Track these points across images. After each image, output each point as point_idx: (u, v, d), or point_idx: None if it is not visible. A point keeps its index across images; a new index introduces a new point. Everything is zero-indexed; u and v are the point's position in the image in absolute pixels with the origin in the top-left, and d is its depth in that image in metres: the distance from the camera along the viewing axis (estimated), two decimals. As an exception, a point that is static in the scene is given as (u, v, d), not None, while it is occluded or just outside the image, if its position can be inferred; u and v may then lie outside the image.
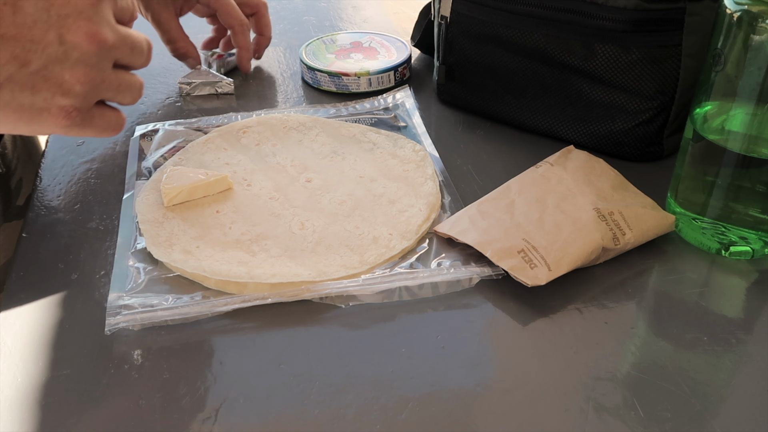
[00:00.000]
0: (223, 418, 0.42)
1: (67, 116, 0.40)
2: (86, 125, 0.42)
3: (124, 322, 0.47)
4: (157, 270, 0.52)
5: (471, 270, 0.52)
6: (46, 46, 0.38)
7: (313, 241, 0.54)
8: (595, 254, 0.52)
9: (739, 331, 0.48)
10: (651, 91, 0.61)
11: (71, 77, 0.39)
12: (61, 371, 0.45)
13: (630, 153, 0.65)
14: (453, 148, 0.67)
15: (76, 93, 0.40)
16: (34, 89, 0.39)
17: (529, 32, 0.64)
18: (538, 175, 0.58)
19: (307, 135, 0.67)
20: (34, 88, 0.39)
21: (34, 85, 0.39)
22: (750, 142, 0.50)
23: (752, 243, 0.53)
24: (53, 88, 0.39)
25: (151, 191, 0.59)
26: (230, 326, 0.48)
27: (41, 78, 0.38)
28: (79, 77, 0.39)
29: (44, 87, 0.39)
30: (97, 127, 0.43)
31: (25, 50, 0.38)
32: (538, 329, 0.48)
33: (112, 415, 0.42)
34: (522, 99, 0.68)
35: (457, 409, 0.43)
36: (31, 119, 0.40)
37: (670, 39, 0.59)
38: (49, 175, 0.64)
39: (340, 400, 0.43)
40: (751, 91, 0.48)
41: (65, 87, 0.39)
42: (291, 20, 0.95)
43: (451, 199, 0.59)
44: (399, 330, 0.48)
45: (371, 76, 0.76)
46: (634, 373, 0.45)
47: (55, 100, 0.39)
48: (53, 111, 0.40)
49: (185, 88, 0.76)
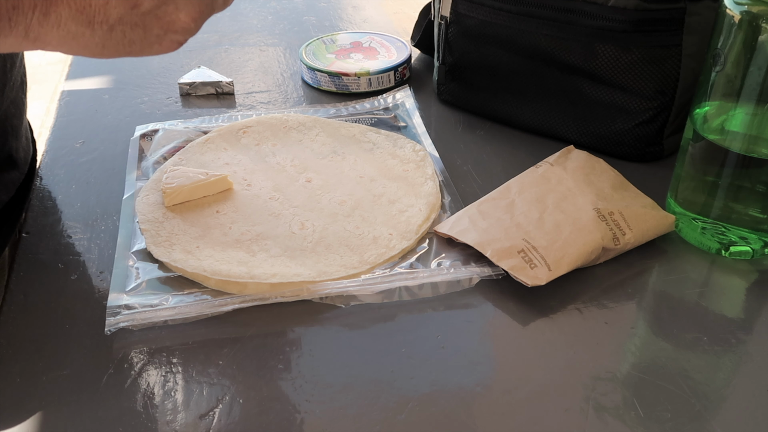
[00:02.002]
0: (223, 418, 0.42)
1: (179, 45, 0.41)
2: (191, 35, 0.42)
3: (124, 322, 0.47)
4: (157, 270, 0.52)
5: (471, 270, 0.52)
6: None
7: (313, 241, 0.54)
8: (595, 254, 0.52)
9: (739, 331, 0.48)
10: (651, 91, 0.61)
11: (186, 16, 0.39)
12: (61, 371, 0.45)
13: (630, 153, 0.65)
14: (453, 148, 0.67)
15: (191, 29, 0.40)
16: (146, 28, 0.38)
17: (529, 32, 0.64)
18: (538, 175, 0.58)
19: (307, 135, 0.67)
20: (146, 27, 0.38)
21: (145, 24, 0.38)
22: (750, 142, 0.50)
23: (752, 243, 0.53)
24: (166, 26, 0.39)
25: (151, 191, 0.59)
26: (230, 326, 0.48)
27: (153, 17, 0.38)
28: (194, 16, 0.39)
29: (156, 25, 0.39)
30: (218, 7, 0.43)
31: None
32: (538, 329, 0.48)
33: (112, 415, 0.42)
34: (522, 99, 0.68)
35: (457, 409, 0.43)
36: (142, 49, 0.40)
37: (670, 39, 0.59)
38: (49, 175, 0.64)
39: (340, 400, 0.43)
40: (751, 91, 0.48)
41: (179, 25, 0.39)
42: (291, 20, 0.95)
43: (451, 199, 0.59)
44: (399, 330, 0.48)
45: (371, 76, 0.76)
46: (634, 373, 0.45)
47: (167, 36, 0.39)
48: (165, 43, 0.40)
49: (185, 88, 0.76)
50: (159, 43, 0.40)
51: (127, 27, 0.38)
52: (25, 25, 0.36)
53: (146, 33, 0.39)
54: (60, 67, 2.42)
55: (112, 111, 0.73)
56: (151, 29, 0.39)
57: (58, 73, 2.37)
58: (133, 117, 0.72)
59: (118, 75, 0.80)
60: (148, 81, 0.79)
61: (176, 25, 0.39)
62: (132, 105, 0.74)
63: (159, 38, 0.39)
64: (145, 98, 0.76)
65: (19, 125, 0.60)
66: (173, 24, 0.39)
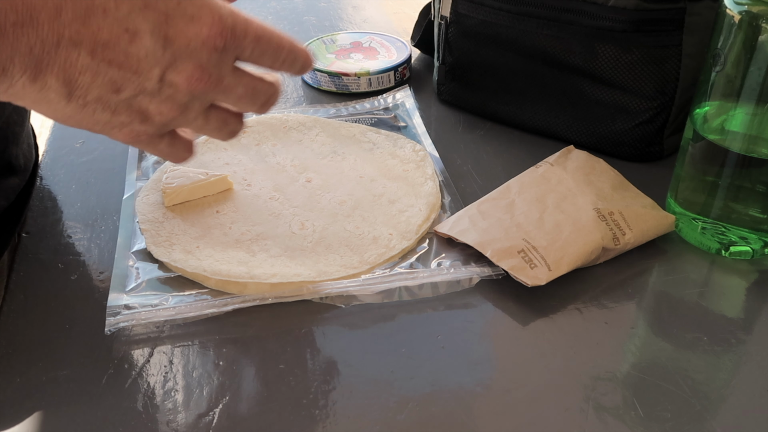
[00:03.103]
0: (223, 418, 0.42)
1: (135, 138, 0.40)
2: (150, 147, 0.42)
3: (124, 322, 0.47)
4: (157, 270, 0.52)
5: (471, 270, 0.52)
6: (145, 80, 0.37)
7: (313, 241, 0.54)
8: (595, 254, 0.52)
9: (739, 331, 0.48)
10: (651, 91, 0.61)
11: (155, 109, 0.39)
12: (61, 371, 0.45)
13: (630, 153, 0.65)
14: (453, 148, 0.67)
15: (154, 123, 0.39)
16: (115, 112, 0.38)
17: (530, 32, 0.64)
18: (538, 175, 0.58)
19: (307, 135, 0.67)
20: (115, 111, 0.38)
21: (116, 109, 0.38)
22: (750, 142, 0.50)
23: (752, 243, 0.53)
24: (133, 115, 0.39)
25: (151, 191, 0.59)
26: (230, 326, 0.48)
27: (125, 105, 0.38)
28: (162, 110, 0.39)
29: (125, 113, 0.38)
30: (162, 153, 0.42)
31: (124, 79, 0.37)
32: (538, 329, 0.48)
33: (112, 415, 0.42)
34: (522, 99, 0.68)
35: (457, 409, 0.43)
36: (102, 130, 0.40)
37: (670, 39, 0.59)
38: (49, 175, 0.64)
39: (340, 400, 0.43)
40: (751, 91, 0.48)
41: (145, 116, 0.39)
42: (291, 20, 0.95)
43: (451, 199, 0.59)
44: (399, 330, 0.48)
45: (371, 76, 0.76)
46: (634, 373, 0.45)
47: (132, 125, 0.39)
48: (125, 131, 0.40)
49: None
50: (120, 129, 0.39)
51: (100, 107, 0.38)
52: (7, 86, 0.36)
53: (113, 117, 0.38)
54: (60, 67, 2.42)
55: (112, 111, 0.73)
56: (119, 115, 0.38)
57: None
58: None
59: (118, 75, 0.80)
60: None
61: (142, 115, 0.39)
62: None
63: (122, 125, 0.39)
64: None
65: (21, 132, 0.60)
66: (140, 114, 0.39)
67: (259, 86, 0.41)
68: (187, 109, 0.39)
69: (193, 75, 0.38)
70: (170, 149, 0.42)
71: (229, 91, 0.40)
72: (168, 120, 0.39)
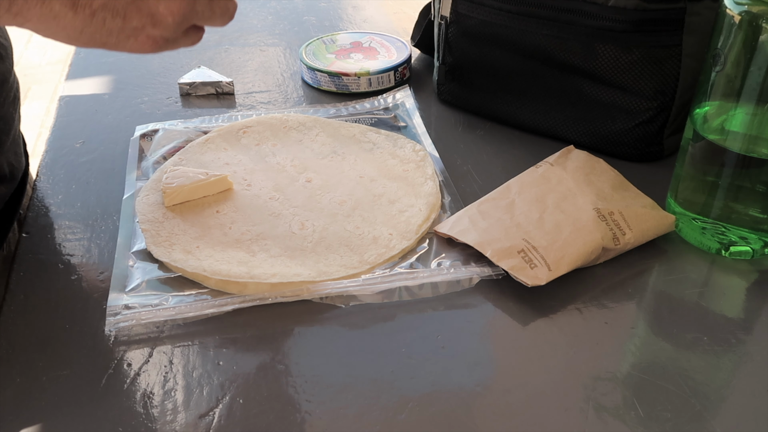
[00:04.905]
0: (223, 418, 0.42)
1: (154, 44, 0.41)
2: (170, 47, 0.43)
3: (124, 322, 0.47)
4: (157, 270, 0.52)
5: (471, 270, 0.52)
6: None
7: (313, 241, 0.54)
8: (595, 254, 0.52)
9: (739, 331, 0.48)
10: (651, 91, 0.61)
11: (165, 9, 0.39)
12: (61, 371, 0.45)
13: (630, 153, 0.65)
14: (453, 148, 0.67)
15: (167, 24, 0.40)
16: (126, 17, 0.39)
17: (530, 32, 0.64)
18: (538, 175, 0.58)
19: (307, 135, 0.67)
20: (126, 16, 0.39)
21: (126, 13, 0.38)
22: (750, 142, 0.50)
23: (752, 243, 0.53)
24: (145, 18, 0.39)
25: (151, 191, 0.59)
26: (230, 326, 0.48)
27: (134, 7, 0.38)
28: (172, 9, 0.39)
29: (136, 16, 0.39)
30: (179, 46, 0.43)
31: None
32: (538, 329, 0.48)
33: (112, 415, 0.42)
34: (522, 99, 0.68)
35: (457, 409, 0.43)
36: (117, 42, 0.40)
37: (670, 39, 0.59)
38: (49, 175, 0.64)
39: (340, 400, 0.43)
40: (751, 91, 0.48)
41: (157, 18, 0.39)
42: (291, 20, 0.95)
43: (451, 199, 0.59)
44: (399, 330, 0.48)
45: (371, 76, 0.76)
46: (634, 373, 0.45)
47: (145, 29, 0.40)
48: (140, 38, 0.40)
49: (185, 88, 0.76)
50: (135, 36, 0.40)
51: (109, 14, 0.38)
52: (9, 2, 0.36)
53: (125, 23, 0.39)
54: (60, 67, 2.42)
55: (112, 111, 0.73)
56: (131, 20, 0.39)
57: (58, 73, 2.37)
58: (133, 117, 0.72)
59: (118, 75, 0.80)
60: (148, 81, 0.79)
61: (154, 17, 0.39)
62: (132, 105, 0.74)
63: (136, 32, 0.40)
64: (145, 98, 0.76)
65: (6, 140, 0.59)
66: (152, 16, 0.39)
67: None
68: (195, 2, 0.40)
69: None
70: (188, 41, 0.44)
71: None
72: (180, 18, 0.40)
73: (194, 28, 0.44)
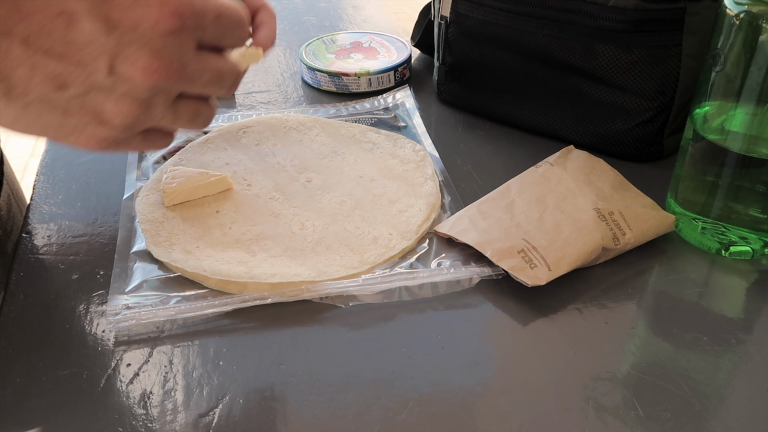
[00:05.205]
0: (223, 418, 0.42)
1: (100, 143, 0.36)
2: (123, 149, 0.37)
3: (124, 322, 0.47)
4: (157, 270, 0.52)
5: (471, 270, 0.52)
6: (91, 72, 0.32)
7: (313, 241, 0.54)
8: (595, 254, 0.52)
9: (739, 331, 0.48)
10: (651, 91, 0.61)
11: (113, 109, 0.34)
12: (61, 371, 0.45)
13: (630, 153, 0.65)
14: (453, 148, 0.67)
15: (114, 125, 0.35)
16: (66, 113, 0.34)
17: (529, 32, 0.64)
18: (538, 175, 0.58)
19: (307, 135, 0.67)
20: (66, 111, 0.34)
21: (66, 109, 0.33)
22: (750, 142, 0.50)
23: (752, 243, 0.53)
24: (88, 117, 0.34)
25: (151, 191, 0.59)
26: (230, 326, 0.48)
27: (77, 103, 0.33)
28: (121, 110, 0.34)
29: (78, 113, 0.34)
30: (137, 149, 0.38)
31: (67, 72, 0.32)
32: (538, 329, 0.48)
33: (112, 415, 0.42)
34: (522, 99, 0.68)
35: (457, 409, 0.43)
36: (57, 136, 0.35)
37: (670, 39, 0.59)
38: (49, 175, 0.64)
39: (340, 400, 0.43)
40: (751, 91, 0.48)
41: (103, 117, 0.34)
42: (291, 20, 0.95)
43: (451, 199, 0.59)
44: (399, 330, 0.48)
45: (371, 76, 0.76)
46: (634, 373, 0.45)
47: (88, 127, 0.35)
48: (83, 137, 0.35)
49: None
50: (77, 134, 0.35)
51: (46, 108, 0.33)
52: None
53: (65, 119, 0.34)
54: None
55: (112, 111, 0.73)
56: (72, 116, 0.34)
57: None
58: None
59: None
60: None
61: (99, 117, 0.34)
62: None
63: (78, 129, 0.34)
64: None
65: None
66: (96, 115, 0.34)
67: (225, 68, 0.37)
68: (150, 105, 0.35)
69: (151, 65, 0.33)
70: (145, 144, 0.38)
71: (196, 79, 0.36)
72: (130, 121, 0.35)
73: (157, 131, 0.38)
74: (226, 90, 0.38)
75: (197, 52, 0.35)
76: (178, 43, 0.33)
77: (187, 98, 0.37)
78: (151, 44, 0.33)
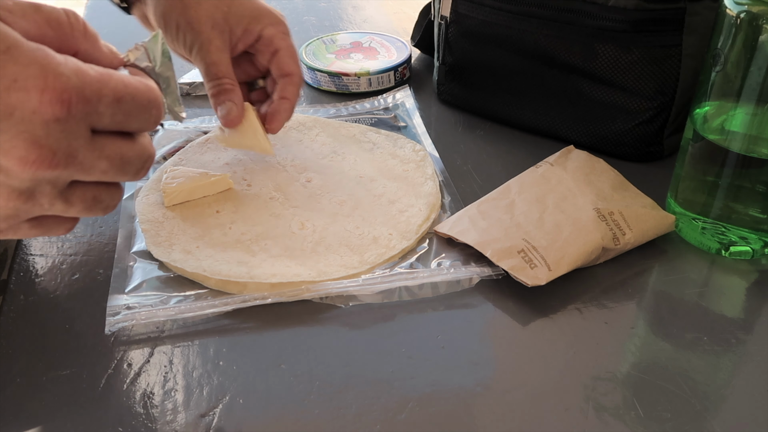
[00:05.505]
0: (223, 418, 0.42)
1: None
2: (10, 237, 0.34)
3: (124, 322, 0.47)
4: (157, 270, 0.52)
5: (471, 270, 0.52)
6: None
7: (313, 241, 0.54)
8: (595, 254, 0.52)
9: (739, 331, 0.48)
10: (651, 91, 0.61)
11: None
12: (61, 371, 0.45)
13: (630, 153, 0.65)
14: (453, 148, 0.67)
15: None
16: None
17: (530, 32, 0.64)
18: (538, 175, 0.58)
19: (307, 135, 0.67)
20: None
21: None
22: (750, 142, 0.50)
23: (752, 243, 0.53)
24: None
25: (151, 191, 0.59)
26: (230, 326, 0.48)
27: None
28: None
29: None
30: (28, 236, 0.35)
31: None
32: (538, 329, 0.48)
33: (112, 415, 0.42)
34: (522, 99, 0.68)
35: (457, 409, 0.43)
36: None
37: (670, 39, 0.59)
38: (49, 175, 0.64)
39: (340, 400, 0.43)
40: (751, 91, 0.48)
41: None
42: (291, 20, 0.95)
43: (451, 199, 0.59)
44: (399, 330, 0.48)
45: (371, 76, 0.76)
46: (634, 373, 0.45)
47: None
48: None
49: (185, 88, 0.76)
50: None
51: None
52: None
53: None
54: (60, 67, 2.42)
55: (112, 111, 0.73)
56: None
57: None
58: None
59: (118, 75, 0.80)
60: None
61: None
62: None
63: None
64: (145, 98, 0.76)
65: None
66: None
67: (129, 153, 0.34)
68: (33, 196, 0.32)
69: (28, 155, 0.30)
70: (38, 231, 0.35)
71: (89, 169, 0.32)
72: (11, 212, 0.32)
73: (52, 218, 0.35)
74: (132, 175, 0.35)
75: (92, 138, 0.32)
76: (63, 131, 0.30)
77: (83, 185, 0.34)
78: (28, 132, 0.30)
